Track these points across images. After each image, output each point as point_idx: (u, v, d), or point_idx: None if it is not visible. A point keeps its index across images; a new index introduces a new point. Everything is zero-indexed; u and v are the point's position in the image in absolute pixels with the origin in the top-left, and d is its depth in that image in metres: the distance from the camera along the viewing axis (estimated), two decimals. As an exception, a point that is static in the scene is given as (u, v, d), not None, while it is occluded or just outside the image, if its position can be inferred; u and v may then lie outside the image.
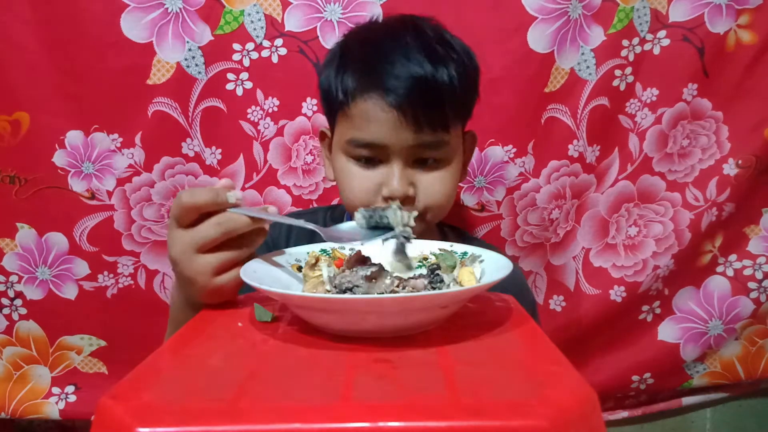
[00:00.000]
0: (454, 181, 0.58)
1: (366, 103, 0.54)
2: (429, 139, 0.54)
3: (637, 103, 0.80)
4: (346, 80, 0.55)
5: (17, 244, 0.77)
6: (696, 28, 0.77)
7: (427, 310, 0.35)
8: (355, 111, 0.55)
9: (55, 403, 0.82)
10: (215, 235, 0.39)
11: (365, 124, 0.54)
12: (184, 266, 0.40)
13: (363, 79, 0.54)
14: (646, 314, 0.86)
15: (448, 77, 0.53)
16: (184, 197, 0.39)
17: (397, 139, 0.53)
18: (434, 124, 0.54)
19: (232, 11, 0.74)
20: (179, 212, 0.39)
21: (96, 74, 0.72)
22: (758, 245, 0.85)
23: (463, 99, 0.56)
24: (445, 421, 0.24)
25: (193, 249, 0.39)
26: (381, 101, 0.53)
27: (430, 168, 0.56)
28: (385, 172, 0.55)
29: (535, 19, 0.74)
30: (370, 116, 0.54)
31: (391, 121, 0.53)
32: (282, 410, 0.25)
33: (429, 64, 0.53)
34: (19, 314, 0.80)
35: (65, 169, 0.75)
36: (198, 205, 0.39)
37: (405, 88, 0.52)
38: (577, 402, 0.26)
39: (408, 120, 0.52)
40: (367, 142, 0.55)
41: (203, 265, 0.39)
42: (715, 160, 0.82)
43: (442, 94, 0.53)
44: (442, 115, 0.54)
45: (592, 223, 0.83)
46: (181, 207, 0.39)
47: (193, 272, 0.40)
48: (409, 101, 0.52)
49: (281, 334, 0.36)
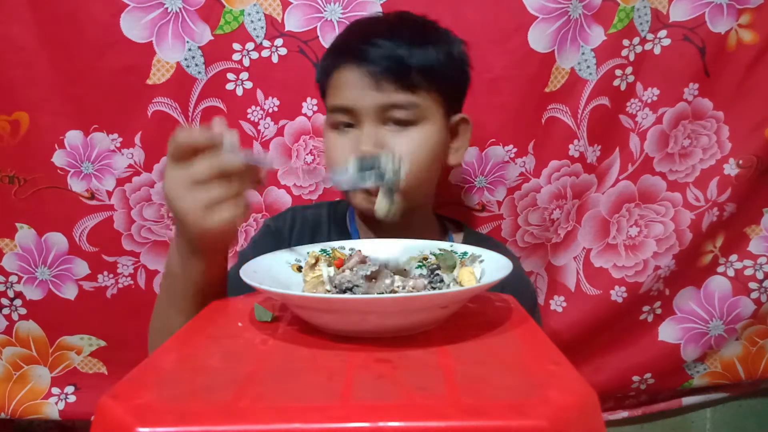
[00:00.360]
0: (429, 149, 0.58)
1: (339, 72, 0.58)
2: (396, 99, 0.56)
3: (637, 102, 0.80)
4: (328, 59, 0.61)
5: (17, 244, 0.77)
6: (697, 27, 0.77)
7: (427, 310, 0.35)
8: (332, 83, 0.59)
9: (54, 403, 0.82)
10: (209, 172, 0.40)
11: (338, 91, 0.58)
12: (176, 201, 0.40)
13: (339, 54, 0.59)
14: (646, 314, 0.86)
15: (422, 51, 0.56)
16: (179, 136, 0.40)
17: (364, 100, 0.56)
18: (398, 84, 0.55)
19: (232, 11, 0.74)
20: (175, 150, 0.40)
21: (95, 74, 0.72)
22: (759, 245, 0.84)
23: (437, 70, 0.57)
24: (444, 421, 0.24)
25: (185, 185, 0.40)
26: (351, 66, 0.56)
27: (400, 129, 0.57)
28: (356, 135, 0.57)
29: (536, 18, 0.74)
30: (341, 82, 0.57)
31: (357, 82, 0.56)
32: (282, 410, 0.25)
33: (404, 38, 0.56)
34: (19, 314, 0.80)
35: (65, 169, 0.75)
36: (194, 144, 0.40)
37: (372, 51, 0.55)
38: (577, 402, 0.26)
39: (373, 80, 0.55)
40: (338, 106, 0.58)
41: (195, 200, 0.40)
42: (716, 160, 0.81)
43: (408, 58, 0.55)
44: (408, 76, 0.56)
45: (593, 223, 0.83)
46: (176, 145, 0.40)
47: (185, 207, 0.40)
48: (375, 63, 0.55)
49: (281, 334, 0.36)
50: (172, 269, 0.48)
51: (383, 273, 0.41)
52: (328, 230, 0.66)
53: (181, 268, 0.46)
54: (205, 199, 0.40)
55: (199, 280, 0.46)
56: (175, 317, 0.48)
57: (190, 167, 0.40)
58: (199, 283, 0.47)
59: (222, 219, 0.40)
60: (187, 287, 0.47)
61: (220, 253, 0.48)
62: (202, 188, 0.40)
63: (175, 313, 0.48)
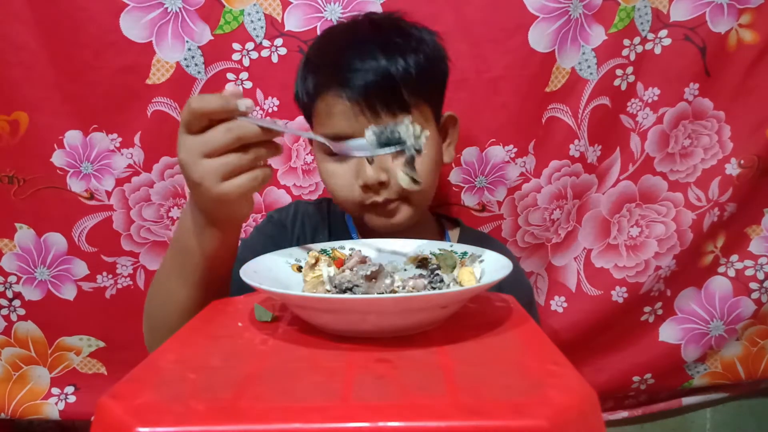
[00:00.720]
0: (431, 159, 0.59)
1: (325, 99, 0.56)
2: None
3: (638, 102, 0.80)
4: (308, 83, 0.58)
5: (16, 244, 0.77)
6: (697, 27, 0.77)
7: (427, 310, 0.35)
8: (318, 109, 0.57)
9: (54, 403, 0.81)
10: (225, 141, 0.39)
11: (327, 119, 0.56)
12: (191, 170, 0.40)
13: (321, 77, 0.57)
14: (647, 315, 0.86)
15: (404, 65, 0.55)
16: (194, 103, 0.39)
17: (359, 128, 0.54)
18: (392, 109, 0.55)
19: (231, 11, 0.73)
20: (189, 117, 0.39)
21: (95, 74, 0.72)
22: (760, 245, 0.84)
23: (422, 82, 0.56)
24: (444, 421, 0.24)
25: (200, 153, 0.39)
26: (337, 94, 0.55)
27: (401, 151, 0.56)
28: (357, 163, 0.56)
29: (536, 18, 0.74)
30: (330, 111, 0.56)
31: (349, 111, 0.54)
32: (282, 410, 0.25)
33: (382, 55, 0.54)
34: (18, 315, 0.79)
35: (64, 169, 0.75)
36: (208, 111, 0.39)
37: (359, 79, 0.54)
38: (577, 402, 0.26)
39: (365, 109, 0.54)
40: (331, 136, 0.55)
41: (210, 169, 0.39)
42: (717, 160, 0.81)
43: (397, 81, 0.54)
44: (400, 100, 0.55)
45: (594, 223, 0.83)
46: (191, 112, 0.39)
47: (199, 175, 0.39)
48: (365, 91, 0.54)
49: (281, 334, 0.36)
50: (182, 241, 0.46)
51: (383, 273, 0.41)
52: (329, 226, 0.66)
53: (193, 239, 0.45)
54: (220, 168, 0.39)
55: (210, 252, 0.45)
56: (180, 290, 0.47)
57: (205, 135, 0.39)
58: (209, 255, 0.45)
59: (238, 186, 0.40)
60: (197, 259, 0.46)
61: (234, 223, 0.47)
62: (217, 156, 0.39)
63: (181, 286, 0.47)
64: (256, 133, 0.39)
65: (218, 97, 0.39)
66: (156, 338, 0.51)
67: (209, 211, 0.43)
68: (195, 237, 0.45)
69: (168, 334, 0.46)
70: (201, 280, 0.46)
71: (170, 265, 0.49)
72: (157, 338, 0.50)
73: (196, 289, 0.47)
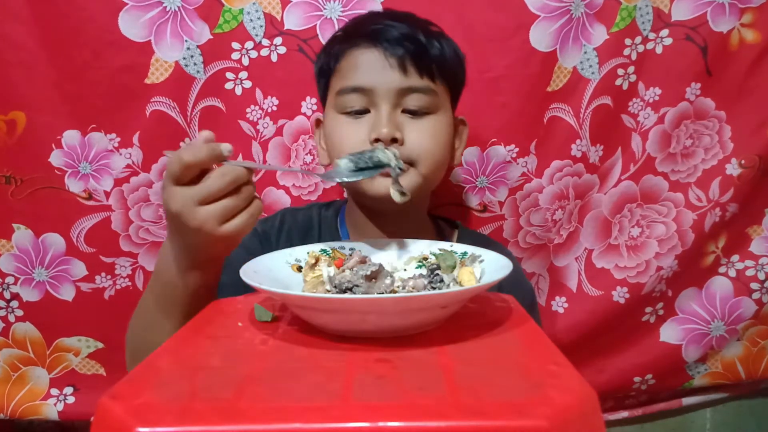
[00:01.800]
0: (445, 137, 0.58)
1: (354, 52, 0.56)
2: (416, 83, 0.55)
3: (639, 102, 0.80)
4: (336, 45, 0.58)
5: (13, 245, 0.77)
6: (699, 27, 0.77)
7: (427, 310, 0.35)
8: (344, 64, 0.57)
9: (53, 404, 0.81)
10: (221, 186, 0.40)
11: (353, 72, 0.56)
12: (188, 219, 0.40)
13: (352, 35, 0.57)
14: (649, 316, 0.86)
15: (437, 41, 0.56)
16: (185, 156, 0.40)
17: (384, 81, 0.54)
18: (421, 69, 0.55)
19: (231, 10, 0.73)
20: (181, 170, 0.40)
21: (93, 73, 0.72)
22: (761, 246, 0.84)
23: (450, 65, 0.58)
24: (444, 421, 0.24)
25: (197, 202, 0.40)
26: (369, 46, 0.55)
27: (418, 117, 0.56)
28: (373, 119, 0.55)
29: (538, 17, 0.73)
30: (357, 62, 0.56)
31: (378, 62, 0.54)
32: (282, 410, 0.25)
33: (418, 28, 0.56)
34: (16, 316, 0.79)
35: (62, 169, 0.75)
36: (200, 162, 0.40)
37: (393, 32, 0.54)
38: (577, 402, 0.26)
39: (395, 61, 0.54)
40: (354, 87, 0.55)
41: (210, 215, 0.40)
42: (718, 160, 0.81)
43: (429, 47, 0.55)
44: (429, 64, 0.55)
45: (595, 223, 0.83)
46: (183, 165, 0.40)
47: (199, 223, 0.40)
48: (397, 44, 0.54)
49: (281, 334, 0.36)
50: (164, 278, 0.48)
51: (383, 273, 0.41)
52: (319, 232, 0.65)
53: (175, 277, 0.46)
54: (220, 212, 0.40)
55: (194, 289, 0.46)
56: (163, 321, 0.48)
57: (201, 184, 0.40)
58: (193, 291, 0.47)
59: (237, 226, 0.41)
60: (180, 295, 0.47)
61: (218, 262, 0.48)
62: (213, 202, 0.40)
63: (164, 317, 0.48)
64: (246, 174, 0.41)
65: (206, 146, 0.40)
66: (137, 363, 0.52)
67: (199, 253, 0.44)
68: (178, 275, 0.46)
69: None
70: (184, 312, 0.47)
71: (153, 298, 0.50)
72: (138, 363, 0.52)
73: (180, 320, 0.47)
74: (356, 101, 0.56)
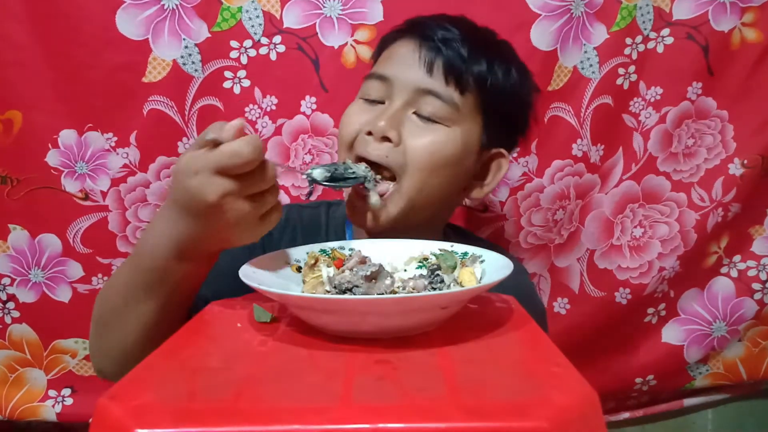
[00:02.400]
0: (447, 154, 0.51)
1: (395, 44, 0.55)
2: (437, 87, 0.51)
3: (640, 102, 0.79)
4: (388, 36, 0.58)
5: (9, 245, 0.76)
6: (700, 26, 0.77)
7: (427, 310, 0.34)
8: (383, 54, 0.57)
9: (51, 406, 0.80)
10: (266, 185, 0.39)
11: (385, 61, 0.55)
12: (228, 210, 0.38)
13: (402, 30, 0.56)
14: (651, 317, 0.85)
15: (490, 59, 0.53)
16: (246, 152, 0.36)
17: (405, 75, 0.52)
18: (448, 75, 0.52)
19: (229, 8, 0.73)
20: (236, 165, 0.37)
21: (90, 72, 0.71)
22: (763, 246, 0.84)
23: (494, 90, 0.53)
24: (445, 422, 0.24)
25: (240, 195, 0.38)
26: (409, 40, 0.54)
27: (426, 122, 0.52)
28: (380, 110, 0.53)
29: (538, 16, 0.73)
30: (392, 54, 0.55)
31: (408, 56, 0.53)
32: (281, 411, 0.25)
33: (477, 35, 0.55)
34: (12, 317, 0.78)
35: (58, 169, 0.74)
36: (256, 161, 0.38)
37: (439, 33, 0.53)
38: (578, 402, 0.26)
39: (424, 59, 0.52)
40: (377, 74, 0.54)
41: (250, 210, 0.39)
42: (720, 160, 0.81)
43: (470, 60, 0.52)
44: (461, 74, 0.52)
45: (597, 224, 0.82)
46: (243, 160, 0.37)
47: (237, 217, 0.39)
48: (435, 44, 0.52)
49: (280, 335, 0.36)
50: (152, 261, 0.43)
51: (383, 273, 0.40)
52: (326, 230, 0.64)
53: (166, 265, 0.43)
54: (260, 209, 0.40)
55: (183, 278, 0.44)
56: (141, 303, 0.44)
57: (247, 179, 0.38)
58: (181, 280, 0.44)
59: (271, 223, 0.41)
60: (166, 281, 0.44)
61: (215, 256, 0.46)
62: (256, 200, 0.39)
63: (143, 299, 0.44)
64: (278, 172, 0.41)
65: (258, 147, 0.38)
66: (104, 346, 0.49)
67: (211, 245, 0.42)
68: (172, 264, 0.43)
69: (125, 336, 0.46)
70: (167, 297, 0.45)
71: (133, 279, 0.46)
72: (105, 346, 0.49)
73: (160, 303, 0.45)
74: (375, 89, 0.54)
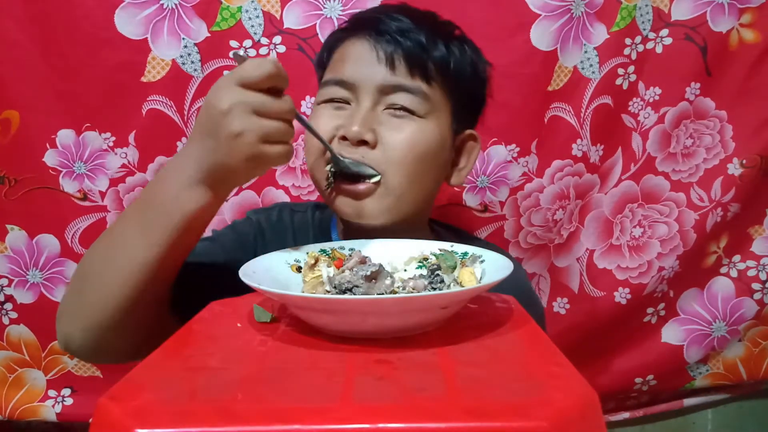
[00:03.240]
0: (426, 146, 0.51)
1: (345, 44, 0.53)
2: (404, 81, 0.50)
3: (639, 102, 0.79)
4: (332, 38, 0.56)
5: (7, 246, 0.76)
6: (698, 26, 0.77)
7: (427, 310, 0.34)
8: (335, 56, 0.54)
9: (51, 405, 0.80)
10: (283, 109, 0.40)
11: (340, 64, 0.53)
12: (233, 120, 0.39)
13: (349, 27, 0.54)
14: (650, 316, 0.85)
15: (446, 42, 0.52)
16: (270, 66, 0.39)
17: (368, 75, 0.50)
18: (412, 68, 0.50)
19: (229, 7, 0.73)
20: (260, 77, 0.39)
21: (89, 71, 0.71)
22: (762, 246, 0.84)
23: (455, 68, 0.52)
24: (445, 423, 0.24)
25: (252, 110, 0.39)
26: (360, 38, 0.52)
27: (400, 117, 0.50)
28: (350, 113, 0.51)
29: (539, 16, 0.73)
30: (346, 54, 0.52)
31: (365, 55, 0.51)
32: (281, 411, 0.25)
33: (424, 20, 0.53)
34: (10, 318, 0.78)
35: (56, 169, 0.74)
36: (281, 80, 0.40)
37: (390, 27, 0.51)
38: (578, 403, 0.26)
39: (383, 56, 0.50)
40: (337, 80, 0.52)
41: (259, 127, 0.39)
42: (719, 160, 0.81)
43: (428, 47, 0.51)
44: (423, 63, 0.50)
45: (596, 224, 0.82)
46: (266, 74, 0.39)
47: (242, 128, 0.39)
48: (390, 38, 0.50)
49: (280, 335, 0.36)
50: (159, 196, 0.43)
51: (383, 273, 0.40)
52: (314, 234, 0.62)
53: (177, 195, 0.41)
54: (268, 131, 0.40)
55: (189, 213, 0.42)
56: (139, 247, 0.42)
57: (265, 97, 0.39)
58: (188, 216, 0.42)
59: (277, 152, 0.40)
60: (172, 216, 0.42)
61: (231, 188, 0.45)
62: (267, 119, 0.40)
63: (141, 242, 0.42)
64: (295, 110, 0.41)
65: (278, 66, 0.40)
66: (82, 302, 0.46)
67: (220, 166, 0.41)
68: (181, 192, 0.41)
69: (109, 292, 0.43)
70: (168, 240, 0.42)
71: (134, 219, 0.44)
72: (82, 302, 0.46)
73: (159, 248, 0.42)
74: (338, 94, 0.52)
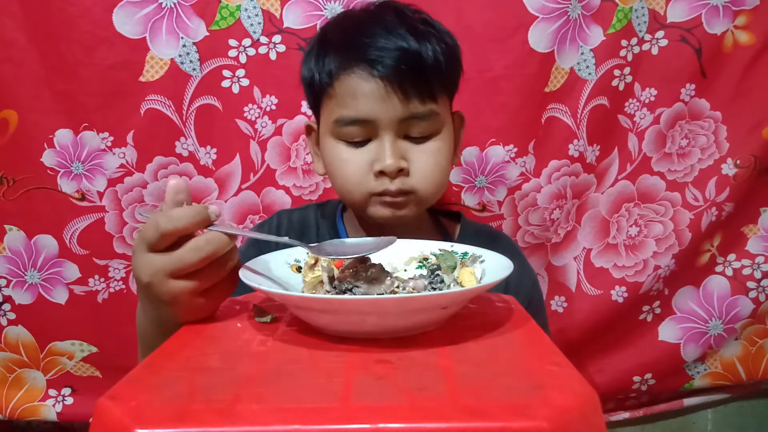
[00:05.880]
0: (447, 157, 0.57)
1: (350, 78, 0.52)
2: (419, 110, 0.53)
3: (635, 103, 0.80)
4: (328, 62, 0.54)
5: (5, 246, 0.75)
6: (693, 28, 0.77)
7: (427, 310, 0.34)
8: (340, 89, 0.53)
9: (52, 405, 0.80)
10: (194, 261, 0.35)
11: (351, 101, 0.53)
12: (159, 291, 0.37)
13: (345, 55, 0.53)
14: (646, 314, 0.86)
15: (432, 50, 0.53)
16: (162, 223, 0.35)
17: (386, 112, 0.52)
18: (422, 94, 0.52)
19: (228, 6, 0.72)
20: (156, 238, 0.35)
21: (87, 71, 0.71)
22: (757, 245, 0.85)
23: (448, 71, 0.55)
24: (445, 423, 0.24)
25: (167, 275, 0.36)
26: (366, 74, 0.52)
27: (421, 142, 0.54)
28: (375, 148, 0.53)
29: (536, 18, 0.73)
30: (355, 91, 0.52)
31: (378, 92, 0.51)
32: (281, 412, 0.25)
33: (412, 37, 0.52)
34: (8, 319, 0.78)
35: (54, 170, 0.74)
36: (179, 230, 0.36)
37: (390, 58, 0.51)
38: (578, 402, 0.26)
39: (396, 90, 0.51)
40: (354, 119, 0.53)
41: (181, 290, 0.36)
42: (714, 160, 0.82)
43: (427, 65, 0.52)
44: (430, 85, 0.53)
45: (593, 223, 0.83)
46: (159, 233, 0.35)
47: (170, 297, 0.37)
48: (396, 71, 0.51)
49: (280, 335, 0.36)
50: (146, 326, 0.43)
51: (383, 273, 0.40)
52: (317, 231, 0.64)
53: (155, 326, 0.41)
54: (194, 287, 0.36)
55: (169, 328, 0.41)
56: None
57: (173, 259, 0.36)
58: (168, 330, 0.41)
59: (215, 300, 0.38)
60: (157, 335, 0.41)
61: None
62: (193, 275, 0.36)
63: None
64: (226, 244, 0.36)
65: (189, 212, 0.36)
66: None
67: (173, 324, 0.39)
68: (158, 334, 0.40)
69: None
70: None
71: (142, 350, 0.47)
72: None
73: None
74: (357, 132, 0.53)
